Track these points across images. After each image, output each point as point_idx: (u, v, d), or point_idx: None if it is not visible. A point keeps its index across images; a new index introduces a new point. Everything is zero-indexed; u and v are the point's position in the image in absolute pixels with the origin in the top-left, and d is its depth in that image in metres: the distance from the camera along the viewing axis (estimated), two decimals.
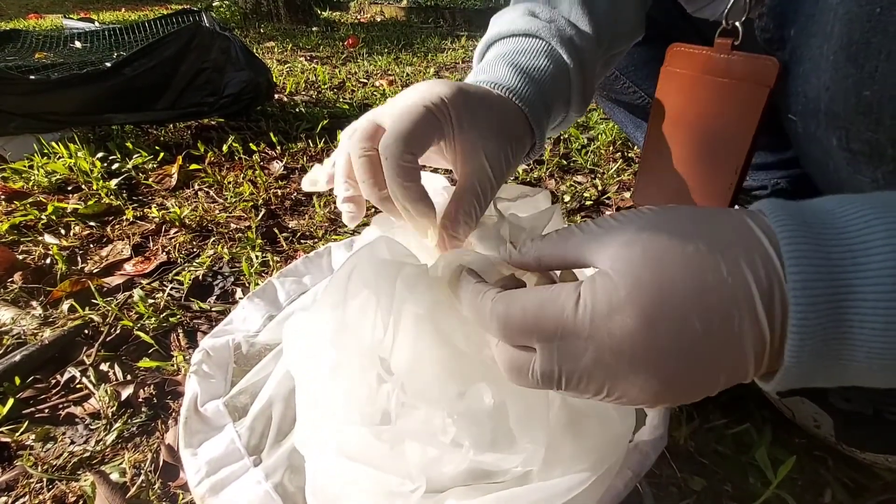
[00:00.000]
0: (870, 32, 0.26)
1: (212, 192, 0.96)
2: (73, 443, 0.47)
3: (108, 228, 0.83)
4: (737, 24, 0.40)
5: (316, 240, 0.80)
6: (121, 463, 0.44)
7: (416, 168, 0.29)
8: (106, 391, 0.51)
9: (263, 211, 0.87)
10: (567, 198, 0.93)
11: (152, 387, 0.53)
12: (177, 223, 0.83)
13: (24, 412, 0.50)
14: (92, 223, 0.84)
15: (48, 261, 0.74)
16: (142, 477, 0.43)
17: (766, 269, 0.19)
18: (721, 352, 0.20)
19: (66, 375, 0.54)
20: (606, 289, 0.21)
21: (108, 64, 1.12)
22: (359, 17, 4.35)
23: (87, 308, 0.63)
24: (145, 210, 0.89)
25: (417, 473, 0.30)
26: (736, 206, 0.71)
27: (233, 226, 0.84)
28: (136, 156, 1.07)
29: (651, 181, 0.55)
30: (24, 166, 1.01)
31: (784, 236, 0.19)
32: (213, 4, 4.06)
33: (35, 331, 0.60)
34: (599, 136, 1.21)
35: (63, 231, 0.82)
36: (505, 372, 0.24)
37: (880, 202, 0.19)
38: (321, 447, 0.32)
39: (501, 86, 0.34)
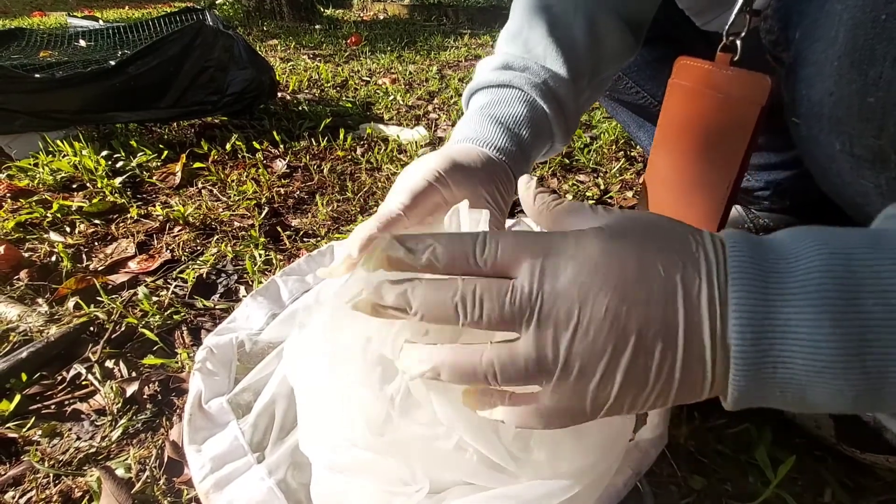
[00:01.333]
0: (874, 39, 0.26)
1: (215, 191, 0.96)
2: (79, 439, 0.48)
3: (113, 226, 0.84)
4: (737, 41, 0.41)
5: (319, 238, 0.81)
6: (126, 459, 0.45)
7: (397, 219, 0.33)
8: (111, 388, 0.51)
9: (266, 209, 0.88)
10: (570, 197, 0.93)
11: (157, 384, 0.53)
12: (181, 221, 0.84)
13: (30, 408, 0.51)
14: (97, 221, 0.85)
15: (53, 258, 0.74)
16: (147, 473, 0.43)
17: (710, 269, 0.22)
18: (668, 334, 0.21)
19: (72, 372, 0.55)
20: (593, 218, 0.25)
21: (113, 62, 1.12)
22: (362, 14, 4.35)
23: (92, 305, 0.63)
24: (149, 208, 0.89)
25: (421, 476, 0.30)
26: (738, 207, 0.71)
27: (236, 224, 0.84)
28: (140, 154, 1.08)
29: (655, 191, 0.56)
30: (30, 164, 1.02)
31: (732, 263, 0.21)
32: (217, 2, 4.06)
33: (41, 328, 0.60)
34: (602, 136, 1.21)
35: (68, 229, 0.83)
36: (490, 318, 0.23)
37: (825, 239, 0.21)
38: (323, 451, 0.33)
39: (480, 140, 0.40)
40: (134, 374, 0.54)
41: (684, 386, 0.22)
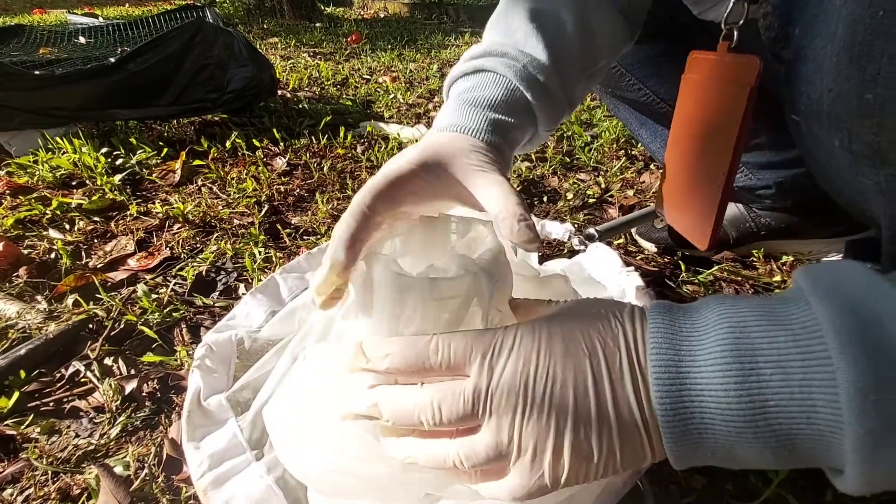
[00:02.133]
0: (873, 35, 0.26)
1: (215, 188, 0.96)
2: (77, 436, 0.48)
3: (112, 224, 0.84)
4: (734, 29, 0.40)
5: (319, 236, 0.80)
6: (125, 456, 0.45)
7: (371, 217, 0.31)
8: (110, 385, 0.51)
9: (266, 207, 0.88)
10: (570, 195, 0.93)
11: (156, 381, 0.53)
12: (180, 219, 0.84)
13: (29, 405, 0.51)
14: (96, 218, 0.85)
15: (53, 255, 0.74)
16: (145, 470, 0.43)
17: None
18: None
19: (71, 369, 0.55)
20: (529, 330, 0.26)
21: (112, 59, 1.12)
22: (362, 13, 4.34)
23: (91, 303, 0.63)
24: (149, 206, 0.89)
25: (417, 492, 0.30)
26: (740, 206, 0.71)
27: (236, 222, 0.84)
28: (139, 151, 1.08)
29: (668, 190, 0.55)
30: (29, 161, 1.02)
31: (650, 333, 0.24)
32: (217, 0, 4.05)
33: (40, 325, 0.60)
34: (603, 134, 1.21)
35: (67, 226, 0.83)
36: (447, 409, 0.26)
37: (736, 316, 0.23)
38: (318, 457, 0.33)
39: (457, 126, 0.38)
40: (133, 371, 0.54)
41: (627, 453, 0.24)
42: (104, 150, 1.06)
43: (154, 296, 0.65)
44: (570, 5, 0.43)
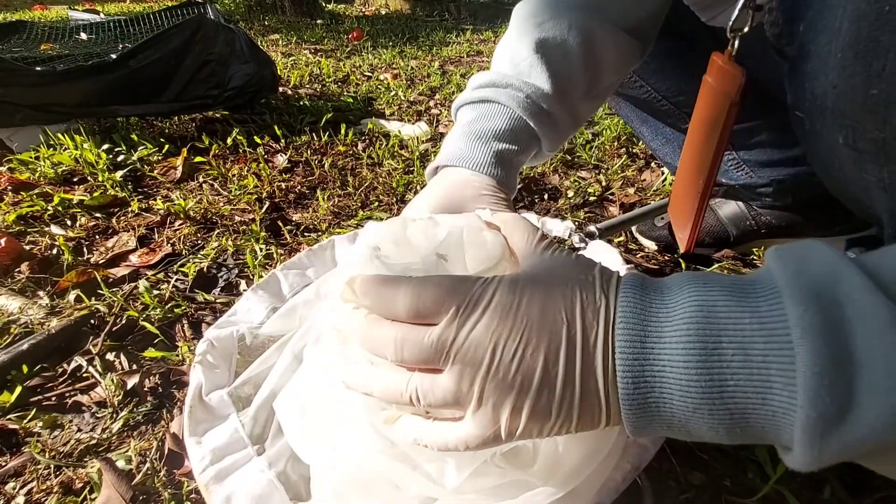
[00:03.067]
0: (878, 30, 0.25)
1: (216, 185, 0.96)
2: (79, 430, 0.48)
3: (114, 220, 0.84)
4: (736, 37, 0.40)
5: (320, 233, 0.80)
6: (127, 451, 0.45)
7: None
8: (112, 380, 0.51)
9: (267, 204, 0.88)
10: (571, 193, 0.92)
11: (157, 376, 0.53)
12: (181, 215, 0.84)
13: (31, 400, 0.51)
14: (98, 214, 0.85)
15: (54, 251, 0.75)
16: (147, 464, 0.44)
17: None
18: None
19: (73, 364, 0.55)
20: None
21: (114, 56, 1.12)
22: (363, 9, 4.33)
23: (93, 298, 0.64)
24: (150, 202, 0.89)
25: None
26: (741, 204, 0.71)
27: (237, 218, 0.84)
28: (141, 148, 1.08)
29: (675, 191, 0.56)
30: (31, 157, 1.02)
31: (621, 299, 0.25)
32: None
33: (42, 320, 0.60)
34: (604, 132, 1.21)
35: (69, 222, 0.83)
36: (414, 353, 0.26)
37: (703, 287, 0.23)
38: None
39: (464, 159, 0.43)
40: (135, 366, 0.55)
41: (584, 418, 0.25)
42: (105, 146, 1.07)
43: (155, 292, 0.65)
44: (575, 31, 0.46)
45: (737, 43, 0.41)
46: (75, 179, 0.98)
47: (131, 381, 0.52)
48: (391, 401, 0.28)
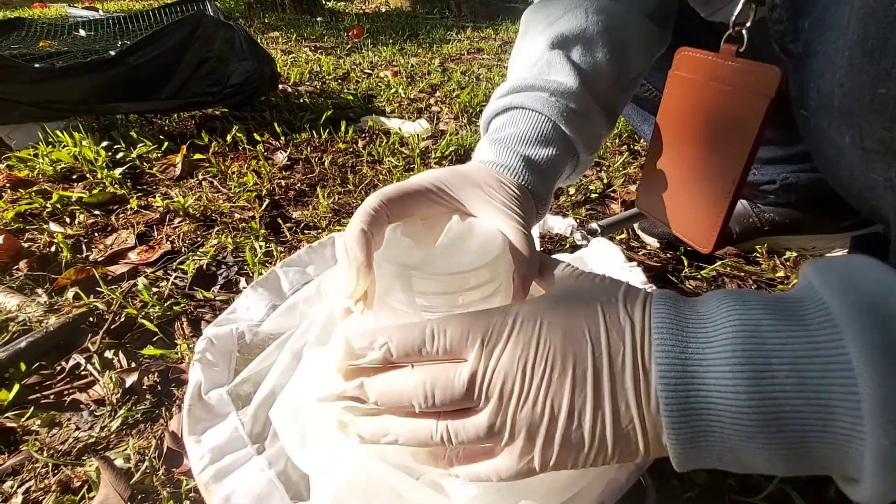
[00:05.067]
0: (887, 28, 0.25)
1: (216, 182, 0.95)
2: (78, 429, 0.48)
3: (113, 217, 0.83)
4: (742, 31, 0.40)
5: (320, 230, 0.80)
6: (125, 449, 0.45)
7: (379, 219, 0.31)
8: (111, 378, 0.51)
9: (267, 201, 0.87)
10: (572, 190, 0.92)
11: (156, 374, 0.53)
12: (181, 213, 0.83)
13: (29, 398, 0.51)
14: (96, 212, 0.84)
15: (53, 249, 0.74)
16: (146, 463, 0.43)
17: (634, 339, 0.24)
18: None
19: (71, 362, 0.54)
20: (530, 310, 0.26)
21: (113, 53, 1.11)
22: (363, 7, 4.32)
23: (91, 296, 0.63)
24: (149, 199, 0.89)
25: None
26: (744, 202, 0.70)
27: (237, 216, 0.84)
28: (140, 145, 1.07)
29: (655, 185, 0.55)
30: (29, 154, 1.01)
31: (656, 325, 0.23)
32: None
33: (40, 318, 0.60)
34: None
35: (68, 219, 0.83)
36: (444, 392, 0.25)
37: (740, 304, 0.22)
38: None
39: (489, 162, 0.38)
40: (133, 364, 0.54)
41: (619, 446, 0.23)
42: (104, 143, 1.06)
43: (154, 289, 0.65)
44: (594, 17, 0.43)
45: (746, 38, 0.40)
46: (74, 177, 0.97)
47: (130, 379, 0.52)
48: (420, 445, 0.27)
